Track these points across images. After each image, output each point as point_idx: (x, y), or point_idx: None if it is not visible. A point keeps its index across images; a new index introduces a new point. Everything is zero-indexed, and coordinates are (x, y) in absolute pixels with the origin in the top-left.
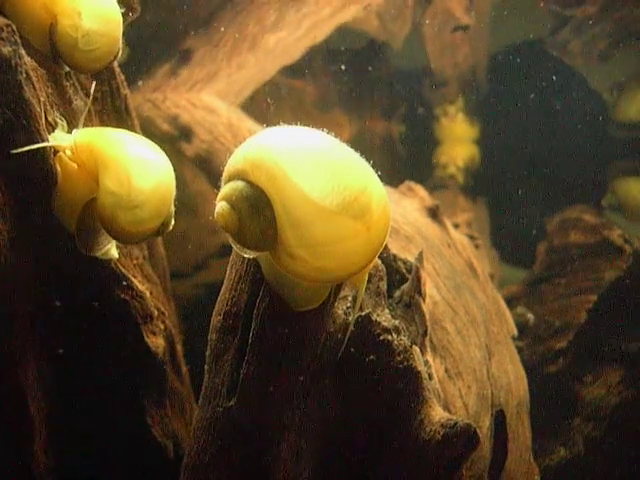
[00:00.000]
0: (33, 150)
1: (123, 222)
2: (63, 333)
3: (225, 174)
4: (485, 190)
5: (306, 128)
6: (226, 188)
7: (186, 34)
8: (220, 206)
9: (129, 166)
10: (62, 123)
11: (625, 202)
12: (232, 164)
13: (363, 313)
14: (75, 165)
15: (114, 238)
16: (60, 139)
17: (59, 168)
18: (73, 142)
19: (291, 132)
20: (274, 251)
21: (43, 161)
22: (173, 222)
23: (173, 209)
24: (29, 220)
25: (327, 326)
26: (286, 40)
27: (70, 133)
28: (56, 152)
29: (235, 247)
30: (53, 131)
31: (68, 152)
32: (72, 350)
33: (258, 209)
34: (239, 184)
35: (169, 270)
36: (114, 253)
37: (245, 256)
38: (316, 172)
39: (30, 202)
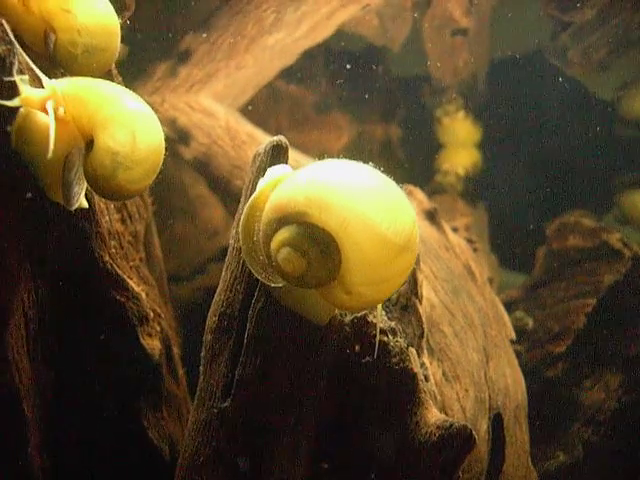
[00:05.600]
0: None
1: (122, 180)
2: (58, 334)
3: (279, 214)
4: (485, 195)
5: (350, 162)
6: (290, 232)
7: (184, 33)
8: (287, 252)
9: (132, 124)
10: (24, 79)
11: (631, 216)
12: (289, 205)
13: (359, 314)
14: (45, 119)
15: (105, 195)
16: (34, 94)
17: (32, 124)
18: (61, 96)
19: (344, 168)
20: (326, 287)
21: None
22: None
23: None
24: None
25: (323, 327)
26: (285, 40)
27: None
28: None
29: (260, 277)
30: None
31: (61, 110)
32: (67, 351)
33: (328, 253)
34: (303, 228)
35: (167, 273)
36: (85, 202)
37: (272, 285)
38: (384, 210)
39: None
